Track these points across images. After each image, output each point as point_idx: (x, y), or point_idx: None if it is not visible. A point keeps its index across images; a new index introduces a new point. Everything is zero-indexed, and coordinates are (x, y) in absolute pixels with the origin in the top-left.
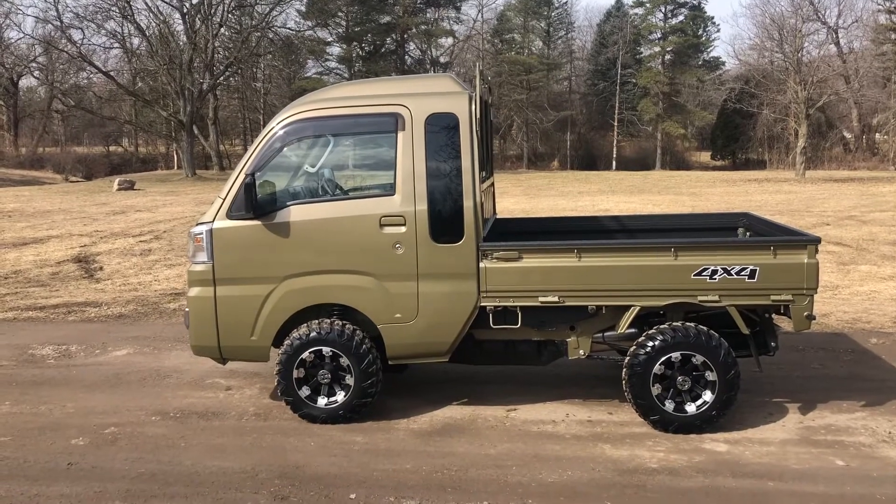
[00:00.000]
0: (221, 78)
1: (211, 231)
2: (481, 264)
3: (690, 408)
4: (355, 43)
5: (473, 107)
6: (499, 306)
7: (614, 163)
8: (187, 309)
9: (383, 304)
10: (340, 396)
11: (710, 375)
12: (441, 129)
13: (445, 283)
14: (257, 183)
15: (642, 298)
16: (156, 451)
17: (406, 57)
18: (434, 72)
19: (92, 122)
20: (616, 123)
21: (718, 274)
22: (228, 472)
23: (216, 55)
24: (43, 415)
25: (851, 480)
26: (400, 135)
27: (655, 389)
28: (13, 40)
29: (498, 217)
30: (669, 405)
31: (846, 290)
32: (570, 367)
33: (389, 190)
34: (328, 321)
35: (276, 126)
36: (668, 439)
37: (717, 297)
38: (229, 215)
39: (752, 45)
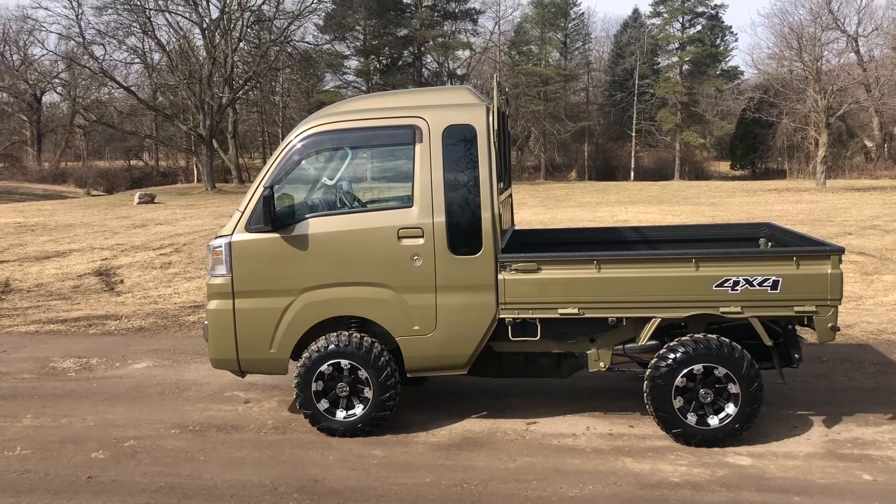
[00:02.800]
0: (240, 92)
1: (230, 244)
2: (500, 276)
3: (713, 421)
4: (373, 56)
5: (491, 118)
6: (518, 318)
7: (632, 173)
8: (206, 322)
9: (401, 317)
10: (359, 409)
11: (733, 388)
12: (458, 140)
13: (464, 295)
14: (276, 196)
15: (663, 310)
16: (175, 464)
17: (423, 69)
18: (451, 84)
19: (113, 136)
20: (634, 134)
21: (740, 285)
22: (248, 485)
23: (235, 69)
24: (64, 428)
25: (879, 496)
26: (418, 147)
27: (677, 402)
28: (36, 57)
29: (516, 228)
30: (692, 418)
31: (870, 301)
32: (590, 380)
33: (407, 202)
34: (347, 334)
35: (294, 139)
36: (690, 453)
37: (739, 309)
38: (248, 228)
39: (771, 55)
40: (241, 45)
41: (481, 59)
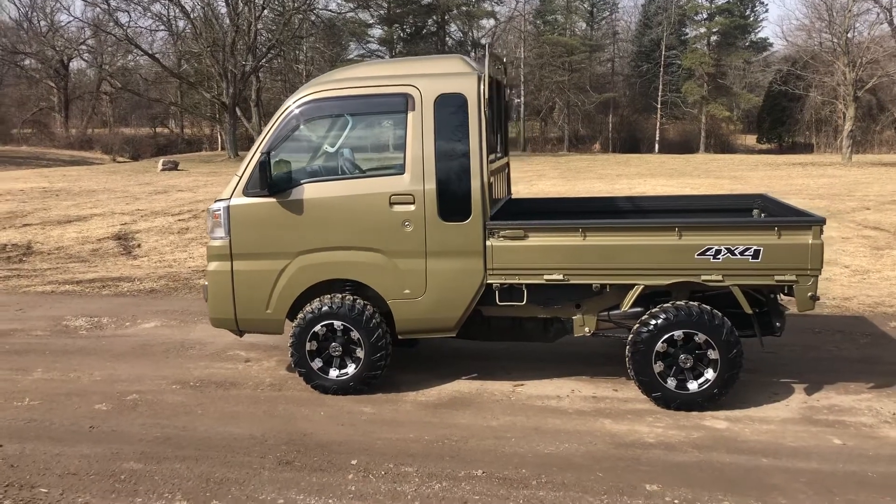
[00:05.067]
0: (264, 60)
1: (228, 208)
2: (488, 242)
3: (692, 385)
4: (396, 24)
5: (482, 87)
6: (505, 284)
7: (657, 145)
8: (206, 283)
9: (393, 281)
10: (351, 369)
11: (713, 354)
12: (450, 109)
13: (453, 260)
14: (272, 161)
15: (646, 277)
16: (173, 416)
17: (447, 38)
18: (474, 54)
19: (139, 103)
20: (659, 106)
21: (722, 254)
22: (239, 437)
23: (259, 37)
24: (71, 381)
25: (845, 458)
26: (410, 115)
27: (657, 367)
28: (63, 23)
29: (513, 197)
30: (671, 383)
31: (876, 275)
32: (580, 346)
33: (399, 169)
34: (340, 296)
35: (291, 106)
36: (669, 416)
37: (720, 277)
38: (245, 192)
39: (801, 26)
40: (265, 12)
41: (506, 29)
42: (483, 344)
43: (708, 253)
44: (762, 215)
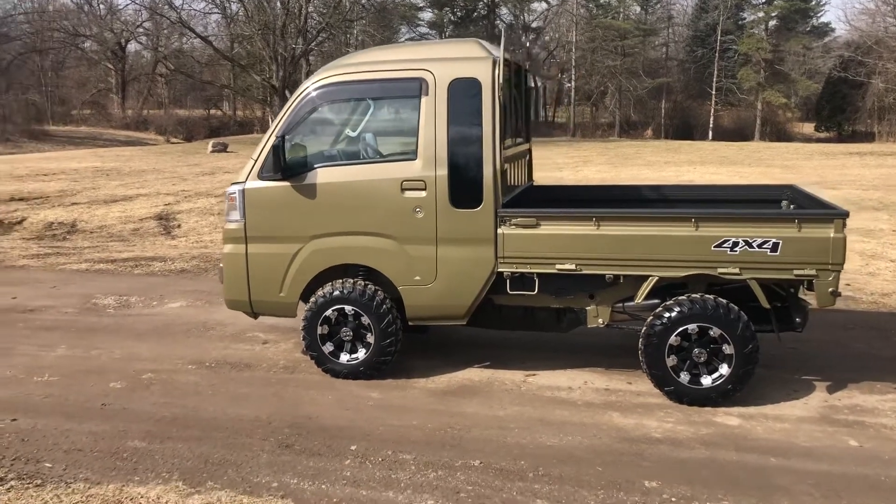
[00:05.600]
0: (314, 43)
1: (243, 191)
2: (499, 230)
3: (706, 380)
4: (447, 8)
5: (497, 72)
6: (516, 272)
7: (710, 133)
8: (221, 265)
9: (403, 267)
10: (361, 353)
11: (728, 349)
12: (464, 94)
13: (464, 248)
14: (287, 145)
15: (661, 269)
16: (184, 396)
17: (498, 22)
18: (525, 38)
19: (194, 85)
20: (714, 92)
21: (739, 246)
22: (245, 419)
23: (309, 20)
24: (92, 359)
25: (859, 461)
26: (423, 99)
27: (670, 361)
28: (121, 6)
29: (535, 184)
30: (684, 377)
31: None
32: (595, 337)
33: (412, 155)
34: (351, 281)
35: (306, 90)
36: (680, 411)
37: (737, 270)
38: (260, 176)
39: (865, 10)
40: None
41: (558, 12)
42: (497, 332)
43: (725, 245)
44: (791, 207)
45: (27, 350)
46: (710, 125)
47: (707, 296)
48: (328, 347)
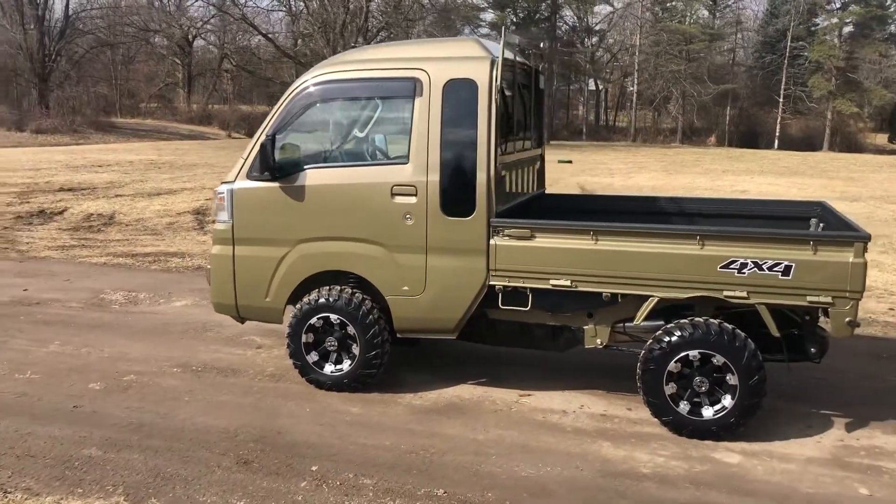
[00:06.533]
0: (374, 42)
1: (232, 191)
2: (492, 241)
3: (707, 412)
4: (509, 9)
5: (495, 73)
6: (508, 286)
7: (776, 141)
8: (209, 266)
9: (392, 276)
10: (346, 365)
11: (732, 379)
12: (459, 95)
13: (454, 258)
14: (277, 145)
15: (662, 289)
16: (159, 402)
17: (561, 23)
18: (586, 42)
19: (258, 82)
20: (781, 99)
21: (748, 268)
22: (212, 430)
23: (370, 20)
24: (80, 357)
25: None
26: (417, 100)
27: (669, 389)
28: (190, 2)
29: (548, 192)
30: (684, 407)
31: None
32: (602, 356)
33: (403, 158)
34: (338, 288)
35: (298, 88)
36: (678, 444)
37: (745, 294)
38: (249, 176)
39: None
40: None
41: (623, 15)
42: (499, 347)
43: (732, 266)
44: (820, 226)
45: (19, 345)
46: (777, 134)
47: (711, 320)
48: (313, 357)
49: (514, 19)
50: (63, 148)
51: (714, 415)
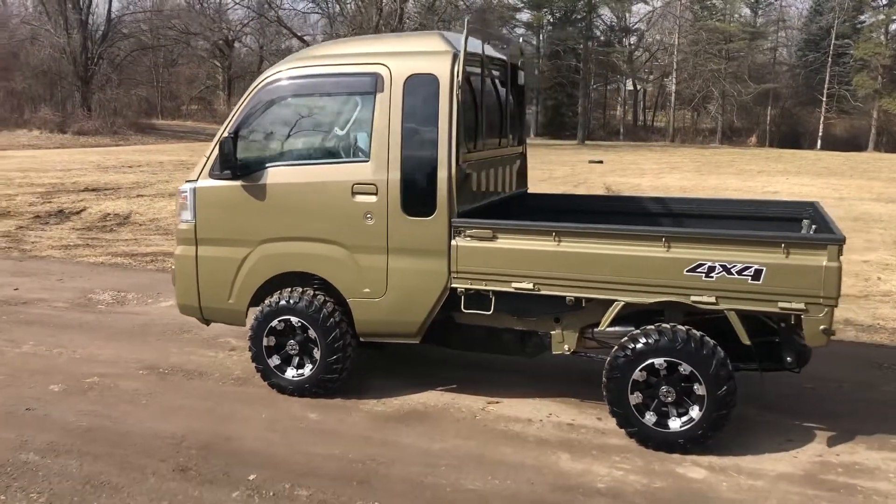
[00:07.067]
0: None
1: (195, 190)
2: (453, 242)
3: (674, 423)
4: (545, 9)
5: (457, 68)
6: (471, 289)
7: (819, 142)
8: (173, 266)
9: (353, 277)
10: (308, 369)
11: (699, 389)
12: (420, 91)
13: (415, 259)
14: (238, 143)
15: (627, 293)
16: (114, 405)
17: (598, 22)
18: (625, 41)
19: None
20: (825, 99)
21: (716, 271)
22: (159, 435)
23: (404, 21)
24: (49, 358)
25: None
26: (378, 96)
27: (634, 398)
28: (229, 6)
29: (531, 192)
30: (650, 418)
31: None
32: (583, 362)
33: (364, 156)
34: (300, 290)
35: (259, 85)
36: (642, 457)
37: (713, 299)
38: (212, 174)
39: None
40: None
41: (663, 14)
42: (477, 352)
43: (700, 269)
44: (812, 228)
45: None
46: (820, 134)
47: (679, 326)
48: (274, 361)
49: (551, 19)
50: (100, 149)
51: (681, 427)
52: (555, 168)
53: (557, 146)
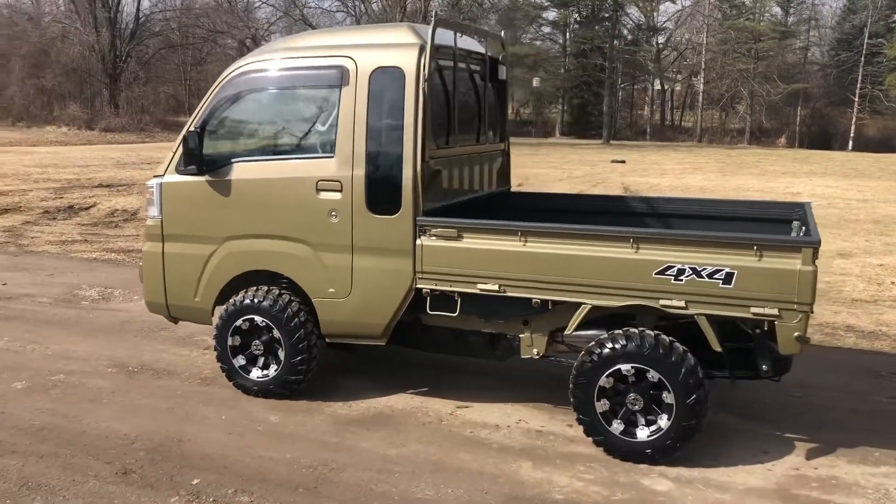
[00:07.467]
0: None
1: (161, 185)
2: (418, 241)
3: (642, 433)
4: (572, 7)
5: (423, 60)
6: (436, 290)
7: (851, 143)
8: (141, 263)
9: (318, 277)
10: (272, 370)
11: (668, 397)
12: (386, 85)
13: (380, 259)
14: (205, 138)
15: (594, 296)
16: (75, 403)
17: (625, 20)
18: (652, 40)
19: None
20: (857, 99)
21: (685, 274)
22: (112, 435)
23: (430, 18)
24: (22, 354)
25: None
26: (344, 90)
27: (601, 405)
28: (257, 4)
29: (514, 191)
30: (617, 426)
31: None
32: (561, 366)
33: (329, 152)
34: (265, 289)
35: (226, 78)
36: (608, 467)
37: (682, 303)
38: (178, 170)
39: None
40: None
41: (691, 13)
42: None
43: (669, 272)
44: (802, 229)
45: None
46: (851, 135)
47: (647, 331)
48: (239, 361)
49: (577, 17)
50: (124, 146)
51: (649, 436)
52: (575, 167)
53: (581, 145)
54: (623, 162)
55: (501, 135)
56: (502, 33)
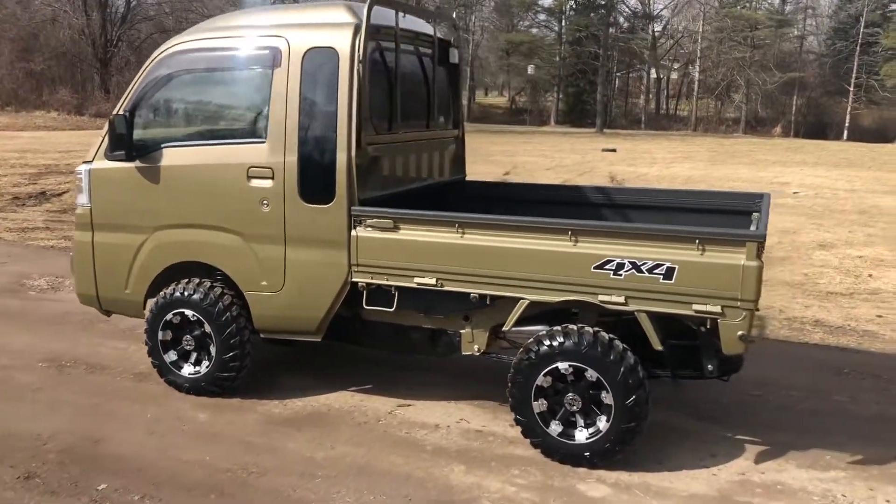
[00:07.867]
0: None
1: (89, 171)
2: (353, 232)
3: (581, 435)
4: None
5: (358, 41)
6: (372, 284)
7: (846, 132)
8: (71, 254)
9: (250, 269)
10: (204, 366)
11: (607, 397)
12: (319, 66)
13: (314, 250)
14: (134, 121)
15: (532, 291)
16: None
17: (621, 8)
18: (649, 29)
19: None
20: (852, 89)
21: (625, 269)
22: (23, 436)
23: (427, 5)
24: None
25: None
26: (276, 71)
27: (539, 405)
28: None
29: (469, 180)
30: (555, 428)
31: None
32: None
33: (261, 137)
34: (196, 281)
35: (156, 58)
36: (546, 471)
37: (622, 299)
38: (107, 155)
39: None
40: None
41: (688, 1)
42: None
43: (608, 266)
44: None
45: None
46: (847, 124)
47: (586, 328)
48: (171, 356)
49: (573, 4)
50: None
51: (587, 438)
52: (565, 156)
53: (574, 134)
54: (614, 151)
55: (455, 121)
56: (454, 14)
